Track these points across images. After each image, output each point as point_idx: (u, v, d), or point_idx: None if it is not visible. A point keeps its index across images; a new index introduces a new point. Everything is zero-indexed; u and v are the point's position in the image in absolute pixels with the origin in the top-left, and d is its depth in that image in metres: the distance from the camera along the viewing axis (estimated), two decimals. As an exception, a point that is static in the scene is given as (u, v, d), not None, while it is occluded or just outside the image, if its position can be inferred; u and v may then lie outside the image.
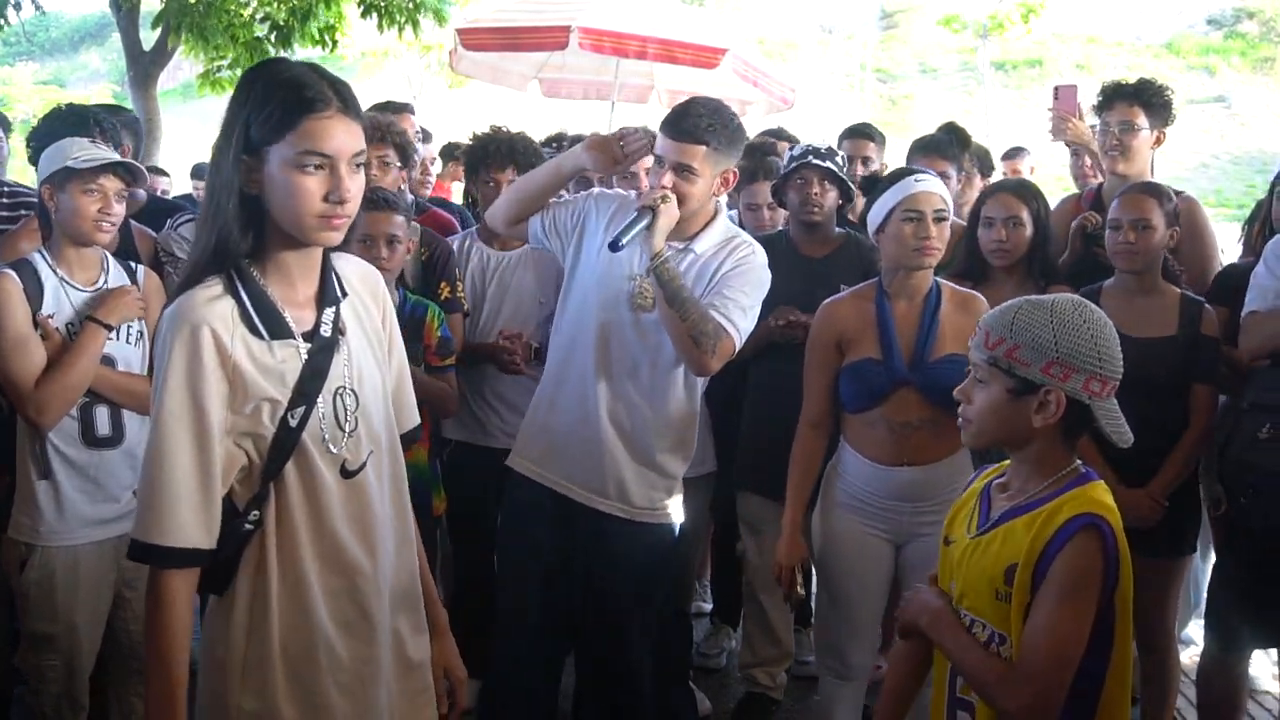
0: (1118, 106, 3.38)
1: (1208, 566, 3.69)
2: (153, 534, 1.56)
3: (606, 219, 2.68)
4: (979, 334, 1.82)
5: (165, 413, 1.55)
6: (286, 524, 1.66)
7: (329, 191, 1.58)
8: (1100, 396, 1.75)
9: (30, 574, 2.56)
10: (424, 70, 19.37)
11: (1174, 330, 2.91)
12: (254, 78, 1.62)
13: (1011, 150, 6.77)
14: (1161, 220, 2.94)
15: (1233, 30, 26.20)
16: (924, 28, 26.72)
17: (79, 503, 2.57)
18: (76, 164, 2.54)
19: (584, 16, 5.90)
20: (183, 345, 1.55)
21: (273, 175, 1.57)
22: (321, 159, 1.57)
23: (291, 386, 1.64)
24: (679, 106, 2.64)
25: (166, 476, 1.55)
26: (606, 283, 2.65)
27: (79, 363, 2.52)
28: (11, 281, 2.53)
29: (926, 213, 2.64)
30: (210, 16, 8.27)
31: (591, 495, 2.70)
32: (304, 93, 1.57)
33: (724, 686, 3.75)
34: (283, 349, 1.64)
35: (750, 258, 2.69)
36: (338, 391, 1.69)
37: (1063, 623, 1.68)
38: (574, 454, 2.69)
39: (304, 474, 1.66)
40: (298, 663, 1.67)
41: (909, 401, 2.66)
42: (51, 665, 2.60)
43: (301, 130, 1.56)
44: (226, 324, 1.59)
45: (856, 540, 2.77)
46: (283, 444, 1.63)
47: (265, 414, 1.62)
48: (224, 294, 1.60)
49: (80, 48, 37.34)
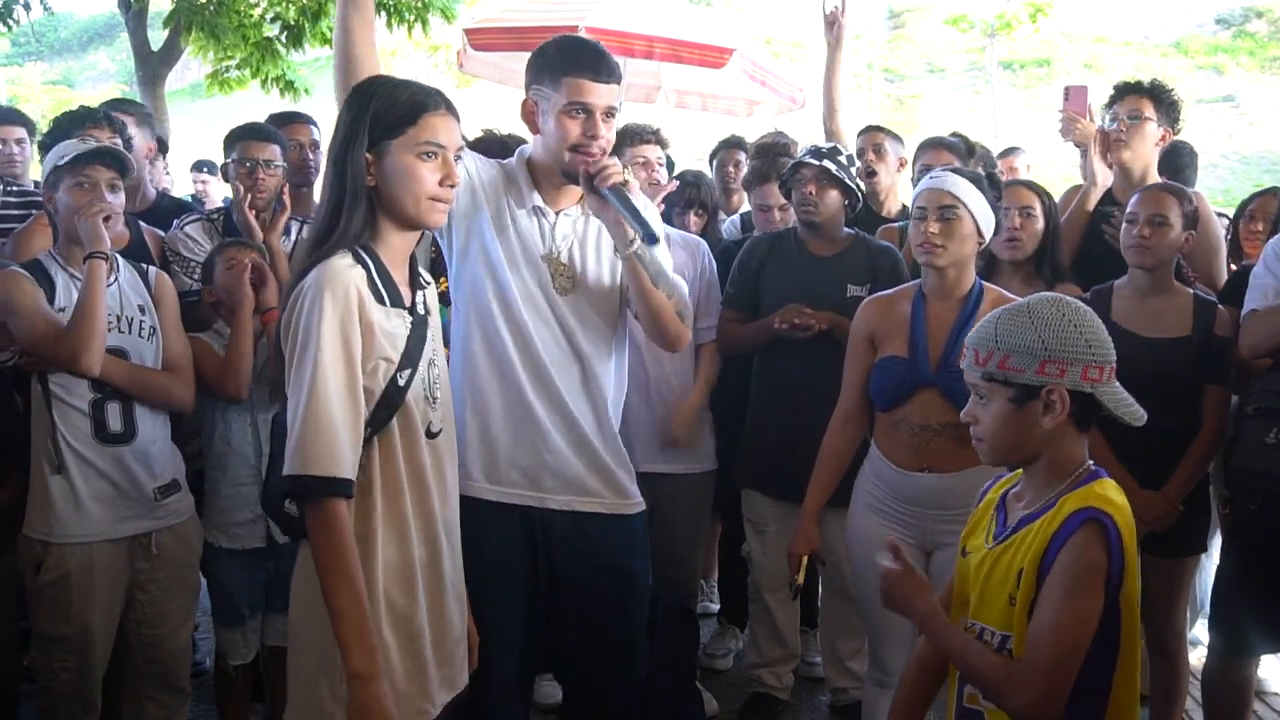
0: (1128, 99, 3.41)
1: (1213, 567, 3.68)
2: (316, 465, 1.71)
3: (496, 195, 2.38)
4: (968, 354, 1.82)
5: (323, 356, 1.73)
6: (390, 474, 1.86)
7: (443, 177, 1.87)
8: (1101, 382, 1.75)
9: (45, 575, 2.56)
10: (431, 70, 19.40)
11: (1188, 331, 2.91)
12: (370, 88, 1.90)
13: (1007, 149, 6.78)
14: (1179, 220, 2.93)
15: (1241, 30, 26.15)
16: (932, 27, 26.71)
17: (93, 500, 2.57)
18: (62, 161, 2.57)
19: (591, 16, 5.90)
20: (333, 300, 1.75)
21: (393, 165, 1.84)
22: (436, 148, 1.86)
23: (400, 351, 1.86)
24: (577, 43, 2.41)
25: (326, 414, 1.72)
26: (519, 267, 2.35)
27: (93, 298, 2.52)
28: (20, 273, 2.57)
29: (929, 209, 2.63)
30: (221, 15, 8.30)
31: (572, 498, 2.42)
32: (419, 95, 1.87)
33: (730, 687, 3.75)
34: (396, 316, 1.87)
35: (650, 207, 2.50)
36: (429, 362, 1.93)
37: (1066, 619, 1.68)
38: (537, 460, 2.39)
39: (405, 431, 1.88)
40: (398, 599, 1.87)
41: (932, 404, 2.62)
42: (65, 666, 2.60)
43: (421, 124, 1.84)
44: (362, 287, 1.81)
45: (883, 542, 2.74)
46: (391, 401, 1.85)
47: (380, 373, 1.83)
48: (355, 264, 1.82)
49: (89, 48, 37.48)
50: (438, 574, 1.96)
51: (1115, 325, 2.95)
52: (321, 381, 1.72)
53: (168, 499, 2.68)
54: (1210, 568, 3.73)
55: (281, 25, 8.62)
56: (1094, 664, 1.72)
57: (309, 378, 1.73)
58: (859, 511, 2.80)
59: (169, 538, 2.69)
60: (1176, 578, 3.00)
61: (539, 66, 2.35)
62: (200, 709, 3.44)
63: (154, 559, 2.66)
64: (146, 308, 2.71)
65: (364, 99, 1.86)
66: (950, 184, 2.64)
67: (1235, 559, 2.93)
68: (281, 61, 8.79)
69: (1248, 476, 2.75)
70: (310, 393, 1.72)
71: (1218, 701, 2.96)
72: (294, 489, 1.74)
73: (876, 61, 25.44)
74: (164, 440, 2.71)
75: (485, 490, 2.39)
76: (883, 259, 3.33)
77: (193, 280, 3.07)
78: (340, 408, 1.74)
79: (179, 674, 2.79)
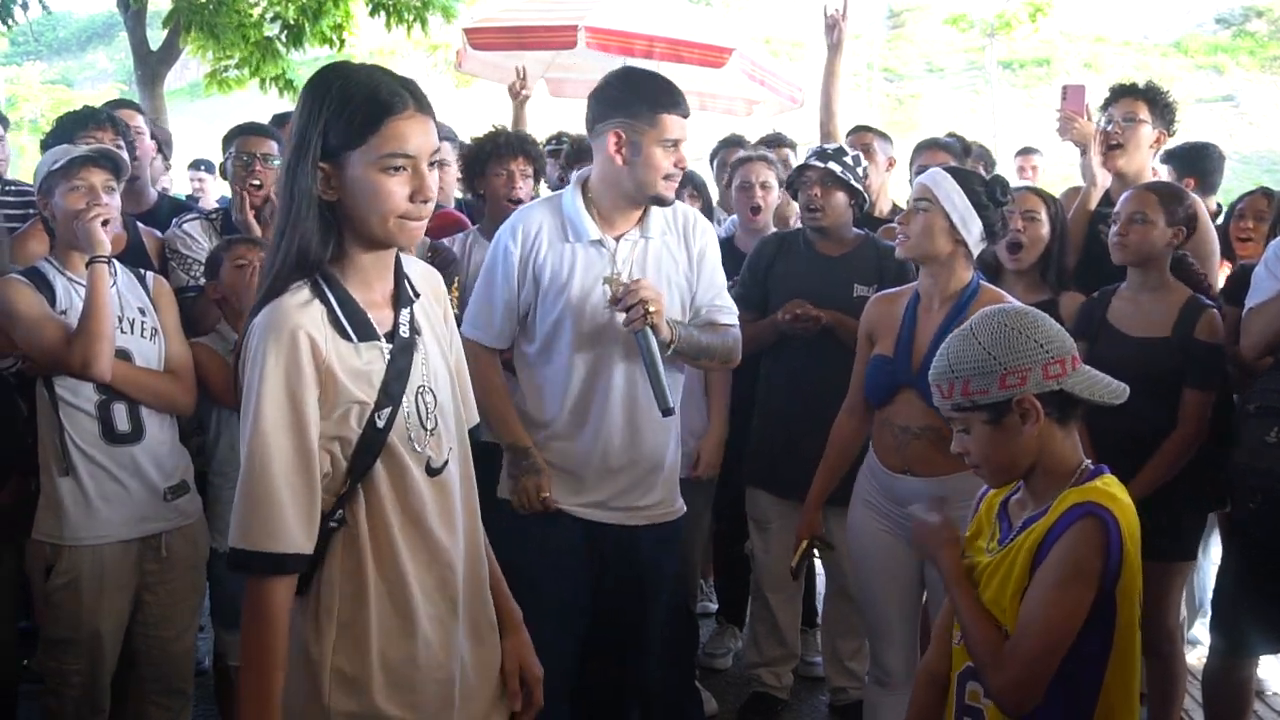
0: (1123, 101, 3.42)
1: (1212, 567, 3.68)
2: (257, 541, 1.54)
3: (535, 237, 2.54)
4: (935, 391, 1.85)
5: (265, 420, 1.54)
6: (379, 524, 1.66)
7: (413, 192, 1.59)
8: (1065, 375, 1.76)
9: (56, 578, 2.55)
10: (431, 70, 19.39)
11: (1168, 332, 2.91)
12: (326, 83, 1.60)
13: (1024, 149, 6.77)
14: (1162, 217, 2.93)
15: (1241, 29, 26.13)
16: (931, 27, 26.70)
17: (103, 501, 2.57)
18: (55, 166, 2.56)
19: (591, 16, 5.90)
20: (278, 351, 1.55)
21: (355, 179, 1.57)
22: (405, 159, 1.57)
23: (378, 388, 1.64)
24: (661, 82, 2.52)
25: (269, 483, 1.54)
26: (583, 298, 2.51)
27: (99, 303, 2.51)
28: (20, 280, 2.56)
29: (909, 204, 2.67)
30: (220, 15, 8.30)
31: (632, 514, 2.61)
32: (382, 95, 1.57)
33: (730, 686, 3.75)
34: (369, 351, 1.64)
35: (709, 232, 2.69)
36: (419, 391, 1.69)
37: (1054, 608, 1.69)
38: (607, 478, 2.58)
39: (393, 474, 1.66)
40: (396, 662, 1.67)
41: (912, 406, 2.62)
42: (75, 670, 2.59)
43: (384, 133, 1.56)
44: (319, 328, 1.59)
45: (879, 540, 2.75)
46: (370, 445, 1.63)
47: (353, 417, 1.62)
48: (312, 298, 1.60)
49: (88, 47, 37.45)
50: (448, 630, 1.73)
51: (1109, 325, 2.97)
52: (261, 447, 1.54)
53: (178, 499, 2.68)
54: (1210, 568, 3.74)
55: (282, 25, 8.61)
56: (1085, 656, 1.73)
57: (249, 442, 1.55)
58: (858, 507, 2.82)
59: (178, 539, 2.69)
60: (1166, 582, 2.98)
61: (629, 100, 2.44)
62: (200, 709, 3.44)
63: (163, 561, 2.66)
64: (146, 309, 2.71)
65: (318, 97, 1.58)
66: (929, 179, 2.65)
67: (1236, 559, 2.92)
68: (281, 61, 8.79)
69: (1248, 475, 2.74)
70: (249, 460, 1.55)
71: (1218, 702, 2.96)
72: (235, 562, 1.57)
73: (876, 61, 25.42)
74: (172, 440, 2.71)
75: (562, 506, 2.56)
76: (890, 260, 3.31)
77: (191, 278, 3.07)
78: (284, 475, 1.54)
79: (183, 677, 2.79)
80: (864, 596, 2.86)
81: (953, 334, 1.85)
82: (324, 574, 1.64)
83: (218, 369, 2.80)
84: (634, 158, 2.43)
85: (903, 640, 2.79)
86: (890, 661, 2.78)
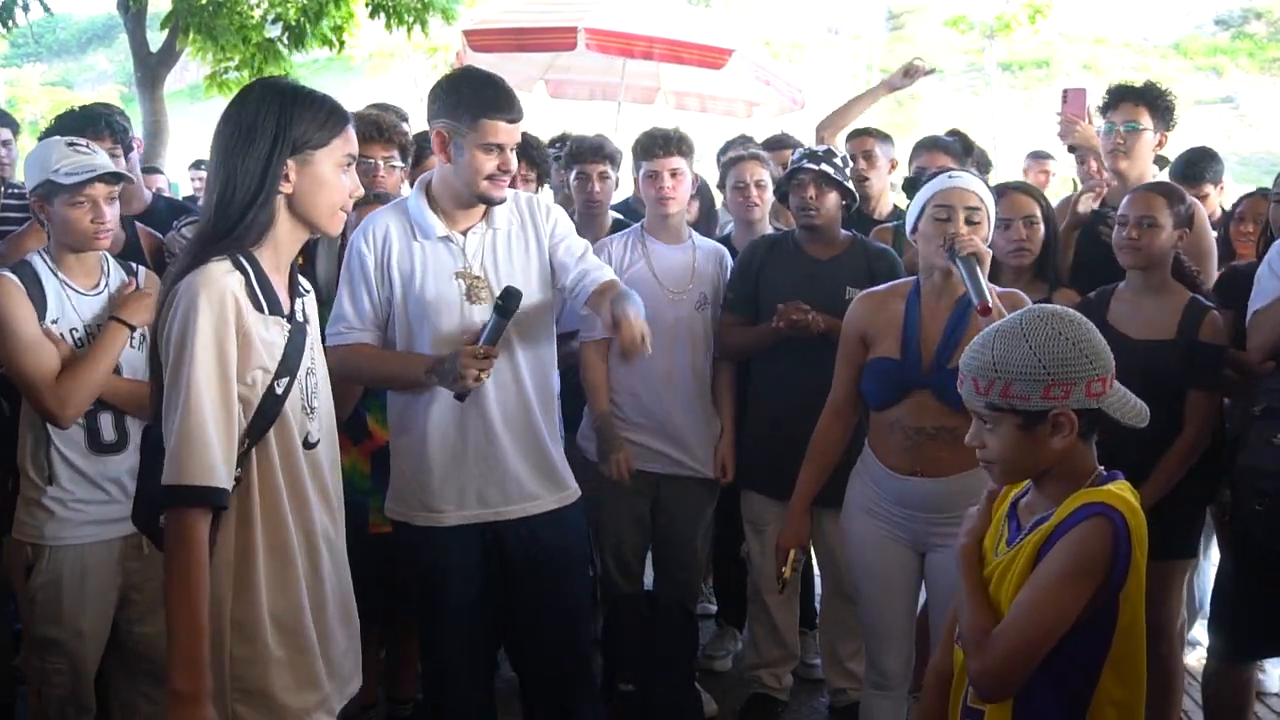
0: (1123, 107, 3.38)
1: (1211, 568, 3.68)
2: (186, 475, 1.70)
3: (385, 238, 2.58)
4: (966, 382, 1.79)
5: (197, 368, 1.71)
6: (269, 485, 1.85)
7: (353, 188, 1.90)
8: (1105, 394, 1.74)
9: (38, 578, 2.56)
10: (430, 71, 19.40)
11: (1172, 334, 2.91)
12: (287, 91, 1.85)
13: (1038, 153, 6.65)
14: (1169, 220, 2.92)
15: (1240, 31, 26.15)
16: (931, 28, 26.69)
17: (84, 505, 2.57)
18: (59, 178, 2.52)
19: (591, 17, 5.90)
20: (209, 307, 1.73)
21: (314, 174, 1.84)
22: (352, 159, 1.90)
23: (278, 360, 1.84)
24: (489, 86, 2.52)
25: (198, 423, 1.71)
26: (438, 293, 2.55)
27: (102, 360, 2.53)
28: (15, 285, 2.52)
29: (957, 208, 2.58)
30: (220, 16, 8.30)
31: (527, 505, 2.63)
32: (338, 104, 1.89)
33: (729, 688, 3.74)
34: (274, 324, 1.85)
35: (553, 209, 2.72)
36: (307, 371, 1.91)
37: (1045, 603, 1.68)
38: (489, 476, 2.59)
39: (281, 441, 1.86)
40: (281, 611, 1.87)
41: (926, 406, 2.59)
42: (58, 669, 2.59)
43: (345, 135, 1.88)
44: (240, 294, 1.78)
45: (877, 545, 2.72)
46: (268, 410, 1.83)
47: (258, 382, 1.81)
48: (233, 269, 1.79)
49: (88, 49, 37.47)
50: (319, 585, 1.94)
51: (1109, 327, 2.93)
52: (196, 393, 1.70)
53: None
54: (1210, 570, 3.73)
55: (282, 26, 8.61)
56: (1079, 657, 1.72)
57: (184, 389, 1.71)
58: (854, 515, 2.79)
59: None
60: (1164, 580, 2.97)
61: (452, 103, 2.49)
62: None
63: (145, 558, 2.65)
64: None
65: (284, 105, 1.82)
66: (975, 185, 2.64)
67: (1236, 561, 2.92)
68: (283, 62, 8.78)
69: (1254, 477, 2.73)
70: (185, 404, 1.70)
71: (1218, 704, 2.96)
72: (167, 498, 1.72)
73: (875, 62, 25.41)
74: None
75: (445, 518, 2.60)
76: (880, 261, 3.33)
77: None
78: (215, 420, 1.72)
79: None
80: (863, 602, 2.84)
81: (998, 328, 1.78)
82: (220, 531, 1.80)
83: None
84: (458, 158, 2.50)
85: (901, 644, 2.78)
86: (888, 665, 2.78)
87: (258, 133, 1.79)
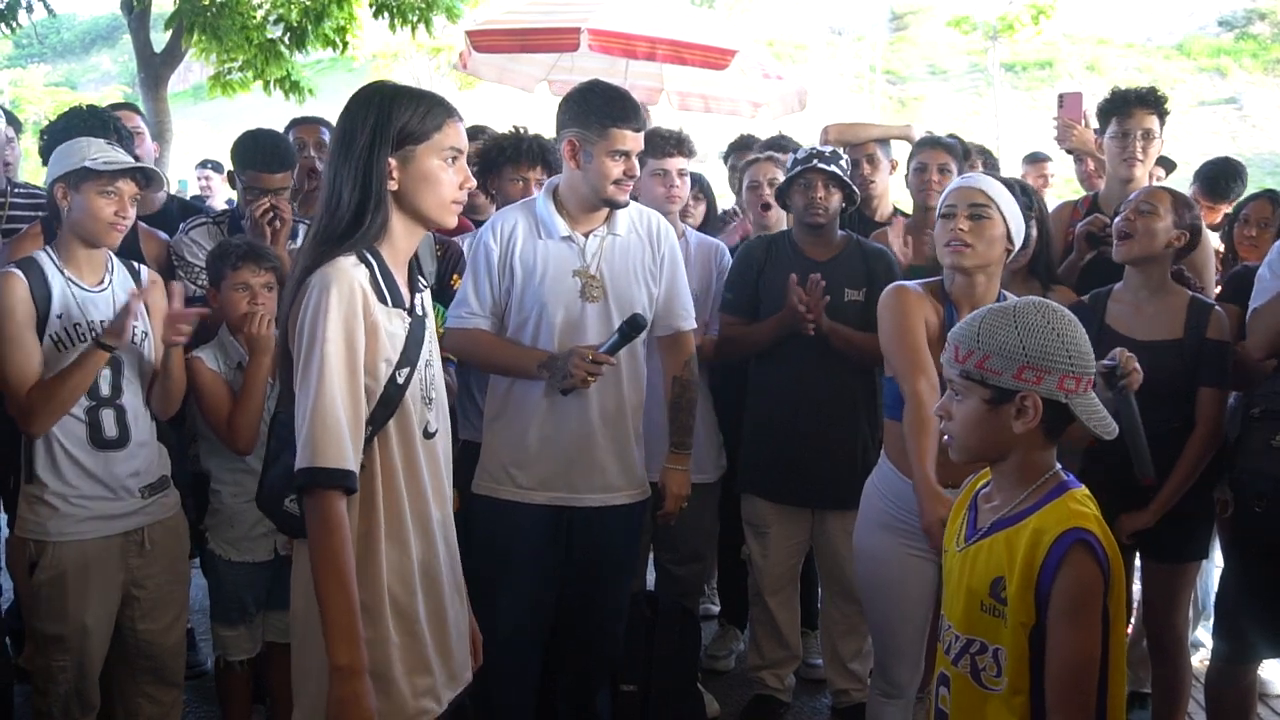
0: (1137, 114, 3.37)
1: (1215, 570, 3.67)
2: (321, 458, 1.74)
3: (511, 234, 2.77)
4: (949, 349, 1.82)
5: (329, 355, 1.76)
6: (389, 473, 1.89)
7: (463, 180, 1.94)
8: (1076, 393, 1.75)
9: (41, 574, 2.56)
10: (434, 71, 19.42)
11: (1180, 334, 2.90)
12: (388, 93, 1.91)
13: (1035, 155, 6.62)
14: (1170, 215, 2.90)
15: (1244, 31, 26.14)
16: (933, 29, 26.73)
17: (85, 500, 2.58)
18: (95, 165, 2.53)
19: (594, 18, 5.90)
20: (340, 298, 1.78)
21: (418, 170, 1.88)
22: (457, 153, 1.93)
23: (400, 350, 1.89)
24: (616, 98, 2.71)
25: (330, 408, 1.75)
26: (555, 289, 2.73)
27: (74, 379, 2.52)
28: (18, 281, 2.52)
29: (958, 206, 2.53)
30: (224, 17, 8.30)
31: (606, 495, 2.78)
32: (440, 101, 1.93)
33: (732, 689, 3.74)
34: (396, 317, 1.90)
35: (671, 235, 2.90)
36: (426, 363, 1.97)
37: (1080, 646, 1.69)
38: (578, 464, 2.75)
39: (401, 431, 1.91)
40: (400, 595, 1.91)
41: None
42: (61, 666, 2.60)
43: (446, 130, 1.90)
44: (366, 287, 1.84)
45: (898, 561, 2.64)
46: (390, 399, 1.88)
47: (381, 372, 1.86)
48: (359, 264, 1.85)
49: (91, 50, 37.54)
50: (434, 572, 1.98)
51: (1110, 329, 2.93)
52: (329, 379, 1.76)
53: (155, 496, 2.69)
54: (1214, 571, 3.73)
55: (285, 27, 8.61)
56: None
57: (316, 375, 1.76)
58: (868, 530, 2.72)
59: (160, 531, 2.70)
60: (1177, 582, 2.99)
61: (582, 114, 2.67)
62: (203, 709, 3.45)
63: (147, 554, 2.67)
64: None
65: (383, 104, 1.88)
66: (983, 183, 2.57)
67: (1238, 562, 2.92)
68: (285, 63, 8.78)
69: (1254, 479, 2.74)
70: (318, 390, 1.75)
71: (1221, 705, 2.96)
72: (303, 481, 1.75)
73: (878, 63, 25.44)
74: (153, 441, 2.72)
75: (532, 495, 2.75)
76: (877, 262, 3.33)
77: (198, 286, 3.06)
78: (345, 405, 1.77)
79: (174, 669, 2.80)
80: (877, 618, 2.78)
81: (992, 307, 1.81)
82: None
83: (212, 391, 2.77)
84: (587, 164, 2.67)
85: (913, 656, 2.74)
86: (899, 676, 2.75)
87: (359, 134, 1.85)
